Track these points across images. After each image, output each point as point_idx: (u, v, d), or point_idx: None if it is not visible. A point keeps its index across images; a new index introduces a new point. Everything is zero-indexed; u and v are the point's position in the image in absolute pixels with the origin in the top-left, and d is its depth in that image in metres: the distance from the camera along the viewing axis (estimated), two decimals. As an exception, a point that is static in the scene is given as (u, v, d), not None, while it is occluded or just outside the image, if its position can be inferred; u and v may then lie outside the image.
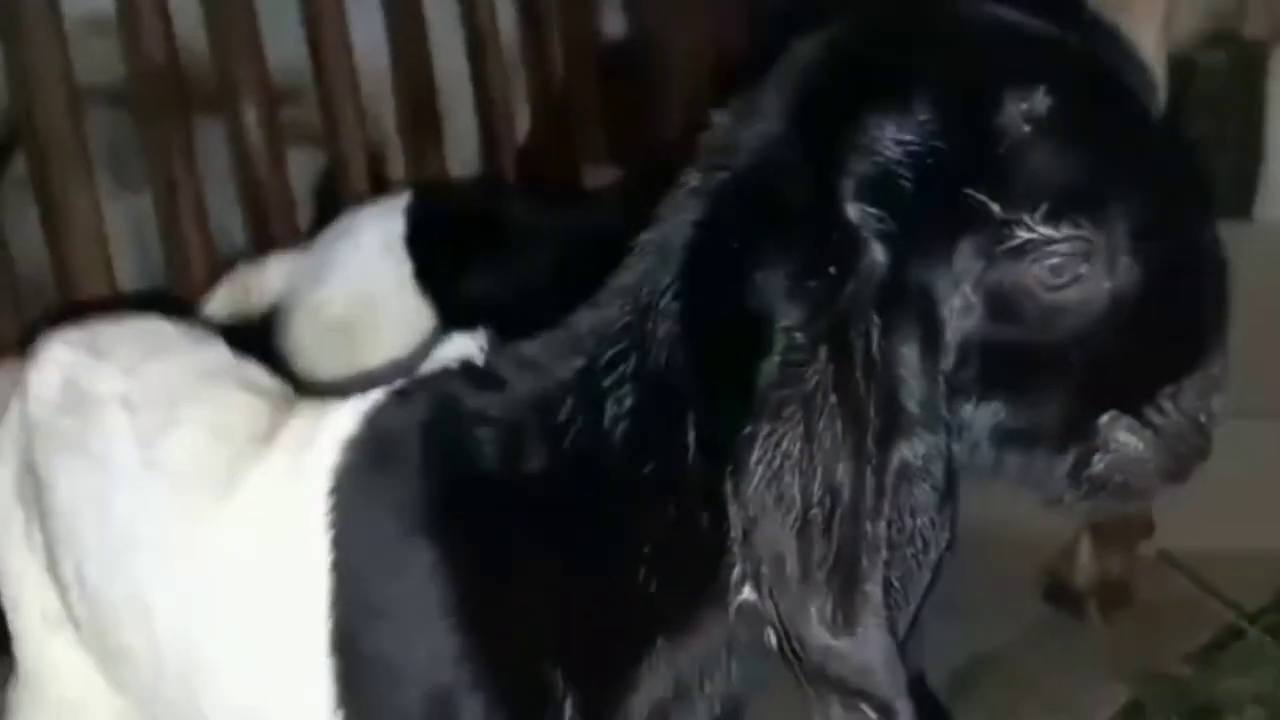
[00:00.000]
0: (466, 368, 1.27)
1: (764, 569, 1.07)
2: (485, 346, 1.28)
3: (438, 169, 2.89)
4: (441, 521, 1.21)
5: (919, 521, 1.07)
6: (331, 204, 2.65)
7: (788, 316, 1.08)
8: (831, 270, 1.06)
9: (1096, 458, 1.14)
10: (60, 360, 1.57)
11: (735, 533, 1.08)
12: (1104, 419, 1.13)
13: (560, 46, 3.09)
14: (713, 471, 1.11)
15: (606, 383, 1.16)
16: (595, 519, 1.18)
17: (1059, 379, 1.12)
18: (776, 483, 1.05)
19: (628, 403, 1.15)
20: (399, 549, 1.23)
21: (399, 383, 1.32)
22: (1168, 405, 1.15)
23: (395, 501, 1.24)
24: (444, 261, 2.07)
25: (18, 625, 1.61)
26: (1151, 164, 1.13)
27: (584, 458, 1.17)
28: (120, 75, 2.48)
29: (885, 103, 1.08)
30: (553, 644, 1.19)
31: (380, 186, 2.76)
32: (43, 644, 1.59)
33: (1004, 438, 1.13)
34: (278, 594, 1.31)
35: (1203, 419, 1.16)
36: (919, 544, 1.08)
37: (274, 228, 2.62)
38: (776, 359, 1.08)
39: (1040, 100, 1.07)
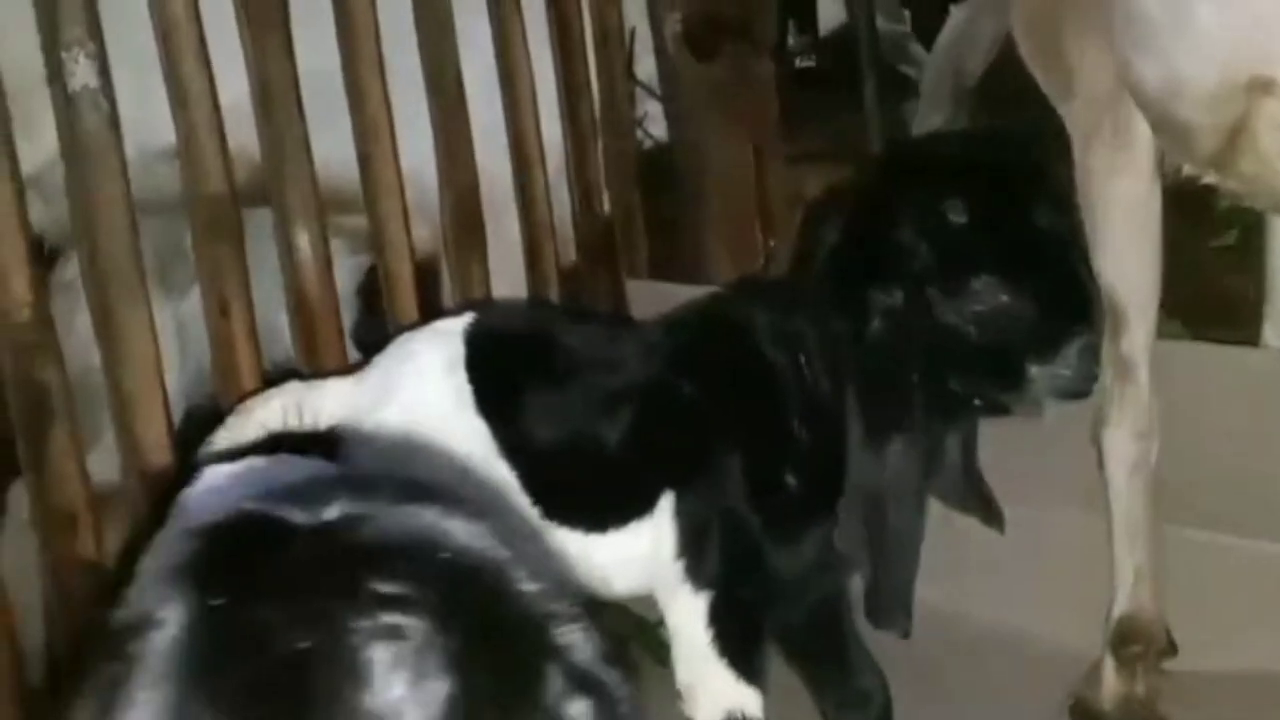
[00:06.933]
0: None
1: None
2: None
3: (480, 281, 2.97)
4: None
5: None
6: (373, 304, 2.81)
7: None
8: None
9: None
10: None
11: None
12: None
13: (603, 160, 3.19)
14: None
15: None
16: None
17: None
18: None
19: None
20: None
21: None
22: None
23: None
24: (501, 384, 2.18)
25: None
26: None
27: None
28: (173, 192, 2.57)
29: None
30: None
31: (426, 296, 2.86)
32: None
33: None
34: None
35: None
36: None
37: (320, 336, 2.71)
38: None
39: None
